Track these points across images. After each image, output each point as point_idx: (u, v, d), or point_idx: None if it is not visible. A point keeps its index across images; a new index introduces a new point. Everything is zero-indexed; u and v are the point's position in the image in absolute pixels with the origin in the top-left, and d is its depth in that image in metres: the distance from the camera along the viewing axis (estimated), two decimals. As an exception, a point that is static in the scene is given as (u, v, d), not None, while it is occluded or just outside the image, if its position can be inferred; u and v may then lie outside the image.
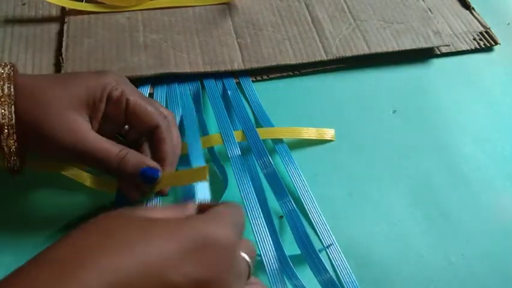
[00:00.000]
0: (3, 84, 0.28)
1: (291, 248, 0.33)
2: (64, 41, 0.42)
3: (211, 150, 0.38)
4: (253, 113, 0.41)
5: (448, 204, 0.38)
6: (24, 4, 0.46)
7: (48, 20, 0.45)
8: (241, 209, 0.25)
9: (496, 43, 0.49)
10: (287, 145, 0.38)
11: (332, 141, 0.40)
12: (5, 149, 0.29)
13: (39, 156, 0.34)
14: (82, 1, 0.45)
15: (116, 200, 0.34)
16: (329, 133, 0.40)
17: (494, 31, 0.50)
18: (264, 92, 0.43)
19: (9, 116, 0.28)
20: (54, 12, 0.45)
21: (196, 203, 0.26)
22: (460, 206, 0.37)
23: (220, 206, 0.24)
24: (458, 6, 0.52)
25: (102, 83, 0.31)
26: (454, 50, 0.48)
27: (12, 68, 0.30)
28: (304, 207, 0.35)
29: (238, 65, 0.43)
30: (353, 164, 0.39)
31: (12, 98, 0.28)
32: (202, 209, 0.24)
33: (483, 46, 0.49)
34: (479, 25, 0.50)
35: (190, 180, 0.32)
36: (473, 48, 0.49)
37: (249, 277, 0.24)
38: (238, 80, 0.43)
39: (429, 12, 0.50)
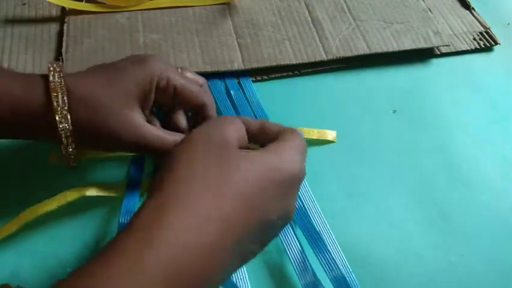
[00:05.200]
0: (57, 94, 0.29)
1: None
2: (64, 41, 0.42)
3: None
4: (254, 113, 0.41)
5: (448, 204, 0.37)
6: (24, 4, 0.46)
7: (49, 20, 0.45)
8: (302, 135, 0.29)
9: (496, 43, 0.49)
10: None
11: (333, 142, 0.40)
12: (64, 153, 0.31)
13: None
14: (82, 1, 0.45)
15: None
16: (330, 134, 0.40)
17: (494, 31, 0.50)
18: (264, 92, 0.43)
19: (67, 126, 0.29)
20: (55, 12, 0.45)
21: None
22: (460, 206, 0.37)
23: (290, 141, 0.27)
24: (458, 6, 0.52)
25: (149, 74, 0.32)
26: (453, 50, 0.48)
27: (60, 73, 0.30)
28: (304, 207, 0.35)
29: (238, 65, 0.43)
30: (353, 164, 0.39)
31: (66, 107, 0.29)
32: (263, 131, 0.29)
33: (483, 46, 0.49)
34: (479, 25, 0.50)
35: None
36: (473, 48, 0.49)
37: None
38: (238, 80, 0.43)
39: (429, 12, 0.50)
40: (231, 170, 0.24)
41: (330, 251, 0.33)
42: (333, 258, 0.32)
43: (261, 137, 0.29)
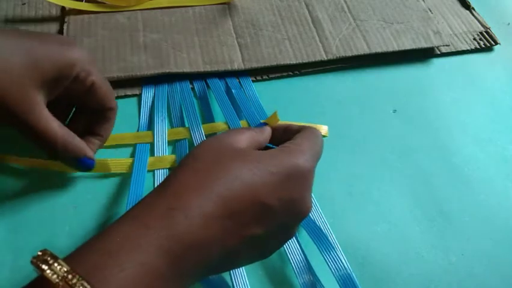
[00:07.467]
0: None
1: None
2: (63, 41, 0.42)
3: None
4: (254, 112, 0.41)
5: (448, 204, 0.38)
6: (24, 4, 0.46)
7: (48, 19, 0.45)
8: (319, 134, 0.30)
9: (496, 43, 0.49)
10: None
11: (332, 140, 0.40)
12: None
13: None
14: (82, 1, 0.45)
15: None
16: (322, 129, 0.40)
17: (494, 31, 0.50)
18: (264, 92, 0.43)
19: None
20: (55, 12, 0.45)
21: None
22: (460, 206, 0.37)
23: (302, 135, 0.28)
24: (458, 6, 0.52)
25: (72, 60, 0.29)
26: (454, 50, 0.48)
27: None
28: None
29: (238, 65, 0.43)
30: (353, 163, 0.39)
31: None
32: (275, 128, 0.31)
33: (483, 46, 0.49)
34: (479, 25, 0.50)
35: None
36: (473, 48, 0.49)
37: None
38: (238, 80, 0.43)
39: (429, 12, 0.50)
40: (228, 159, 0.25)
41: (336, 250, 0.33)
42: (339, 258, 0.32)
43: (284, 138, 0.29)
